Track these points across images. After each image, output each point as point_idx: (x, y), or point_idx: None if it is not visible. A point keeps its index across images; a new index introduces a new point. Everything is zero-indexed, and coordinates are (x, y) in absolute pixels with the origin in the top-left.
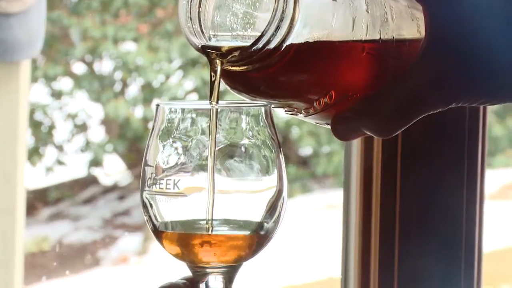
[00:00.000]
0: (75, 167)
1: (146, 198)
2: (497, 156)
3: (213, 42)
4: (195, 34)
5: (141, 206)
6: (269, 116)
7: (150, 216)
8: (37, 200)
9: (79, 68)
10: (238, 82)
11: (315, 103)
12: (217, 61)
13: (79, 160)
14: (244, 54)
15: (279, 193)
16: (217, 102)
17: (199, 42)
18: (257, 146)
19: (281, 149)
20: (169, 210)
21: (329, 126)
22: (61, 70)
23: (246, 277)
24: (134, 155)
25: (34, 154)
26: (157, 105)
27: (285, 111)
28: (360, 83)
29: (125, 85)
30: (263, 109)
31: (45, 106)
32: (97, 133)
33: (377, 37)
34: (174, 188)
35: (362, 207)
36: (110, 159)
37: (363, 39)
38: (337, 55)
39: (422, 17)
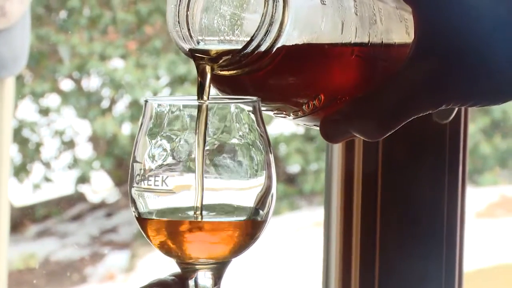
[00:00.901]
0: (63, 184)
1: (135, 194)
2: (485, 174)
3: (201, 46)
4: (183, 38)
5: (130, 202)
6: (258, 112)
7: (139, 212)
8: (24, 217)
9: (66, 85)
10: (227, 85)
11: (304, 106)
12: (207, 67)
13: (66, 177)
14: (234, 58)
15: (267, 189)
16: (207, 99)
17: (188, 46)
18: (246, 143)
19: (270, 146)
20: (157, 205)
21: (317, 128)
22: (49, 87)
23: None
24: (122, 172)
25: (21, 171)
26: (146, 101)
27: (274, 114)
28: (349, 86)
29: (112, 102)
30: (252, 105)
31: (32, 123)
32: (85, 150)
33: (366, 40)
34: (162, 185)
35: (343, 224)
36: (97, 176)
37: (352, 42)
38: (326, 58)
39: (410, 18)
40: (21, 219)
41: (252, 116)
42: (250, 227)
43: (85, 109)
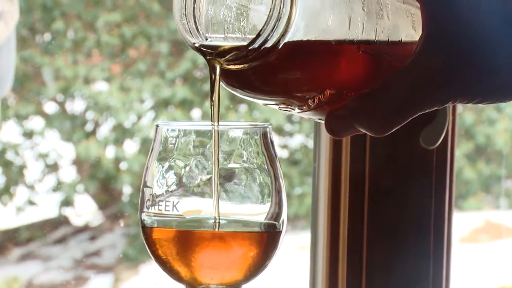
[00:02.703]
0: (46, 207)
1: (145, 219)
2: (469, 199)
3: (208, 42)
4: (189, 31)
5: (140, 226)
6: (268, 137)
7: (148, 235)
8: (8, 240)
9: (50, 107)
10: (234, 78)
11: (309, 101)
12: (216, 64)
13: (50, 200)
14: (241, 53)
15: (276, 216)
16: (218, 122)
17: (193, 40)
18: (254, 168)
19: (280, 171)
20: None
21: (322, 122)
22: (33, 109)
23: None
24: (106, 196)
25: (5, 193)
26: (157, 126)
27: (279, 108)
28: (355, 81)
29: (96, 125)
30: (262, 130)
31: (16, 145)
32: (69, 173)
33: (373, 36)
34: (173, 210)
35: (329, 248)
36: (81, 199)
37: (359, 38)
38: (333, 54)
39: (417, 13)
40: (5, 242)
41: (262, 141)
42: (260, 251)
43: (69, 132)
